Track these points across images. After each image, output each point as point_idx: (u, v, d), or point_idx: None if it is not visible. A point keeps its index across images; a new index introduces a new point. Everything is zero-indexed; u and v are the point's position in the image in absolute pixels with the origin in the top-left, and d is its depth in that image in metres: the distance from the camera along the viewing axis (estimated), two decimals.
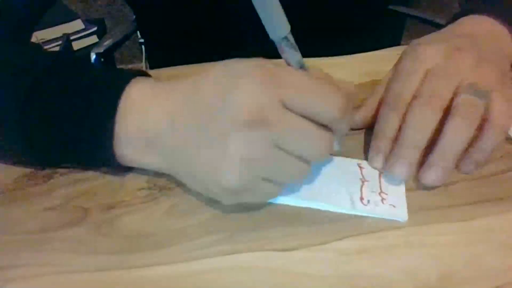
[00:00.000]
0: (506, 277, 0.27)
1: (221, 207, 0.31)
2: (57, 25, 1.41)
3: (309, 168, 0.29)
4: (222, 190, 0.28)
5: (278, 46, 0.28)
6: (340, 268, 0.28)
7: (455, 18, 0.41)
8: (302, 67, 0.29)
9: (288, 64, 0.29)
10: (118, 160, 0.31)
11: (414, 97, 0.33)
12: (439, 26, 0.72)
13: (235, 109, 0.26)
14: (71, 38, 1.40)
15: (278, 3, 0.26)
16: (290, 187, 0.32)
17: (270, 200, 0.31)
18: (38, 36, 1.38)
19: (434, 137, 0.32)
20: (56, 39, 1.40)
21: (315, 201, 0.31)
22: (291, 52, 0.28)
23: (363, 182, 0.33)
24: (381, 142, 0.34)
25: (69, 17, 1.46)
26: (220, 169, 0.27)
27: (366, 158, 0.36)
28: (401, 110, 0.34)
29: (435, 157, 0.32)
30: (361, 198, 0.32)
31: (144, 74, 0.33)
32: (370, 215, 0.31)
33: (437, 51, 0.35)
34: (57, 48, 1.37)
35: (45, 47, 1.39)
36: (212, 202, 0.31)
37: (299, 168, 0.28)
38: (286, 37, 0.28)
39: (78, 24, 1.47)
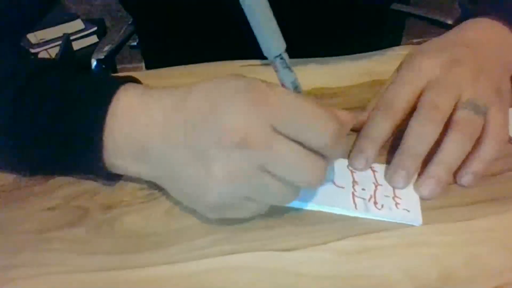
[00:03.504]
0: (506, 277, 0.27)
1: None
2: (57, 25, 1.41)
3: (297, 193, 0.28)
4: (205, 206, 0.28)
5: (272, 64, 0.28)
6: (340, 268, 0.28)
7: (460, 20, 0.41)
8: (296, 88, 0.29)
9: (282, 85, 0.28)
10: (108, 169, 0.30)
11: (410, 108, 0.34)
12: (439, 25, 0.72)
13: (221, 128, 0.25)
14: (71, 38, 1.41)
15: (274, 20, 0.26)
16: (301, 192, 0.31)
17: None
18: (38, 36, 1.38)
19: (431, 149, 0.32)
20: (56, 39, 1.40)
21: (327, 206, 0.31)
22: (285, 72, 0.28)
23: (376, 186, 0.33)
24: (364, 143, 0.34)
25: (69, 17, 1.46)
26: (203, 186, 0.26)
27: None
28: (389, 116, 0.34)
29: (432, 170, 0.32)
30: (375, 202, 0.31)
31: (132, 80, 0.32)
32: (384, 219, 0.31)
33: (436, 63, 0.35)
34: (57, 48, 1.38)
35: (45, 47, 1.40)
36: None
37: (286, 193, 0.27)
38: (280, 56, 0.27)
39: (78, 24, 1.47)
